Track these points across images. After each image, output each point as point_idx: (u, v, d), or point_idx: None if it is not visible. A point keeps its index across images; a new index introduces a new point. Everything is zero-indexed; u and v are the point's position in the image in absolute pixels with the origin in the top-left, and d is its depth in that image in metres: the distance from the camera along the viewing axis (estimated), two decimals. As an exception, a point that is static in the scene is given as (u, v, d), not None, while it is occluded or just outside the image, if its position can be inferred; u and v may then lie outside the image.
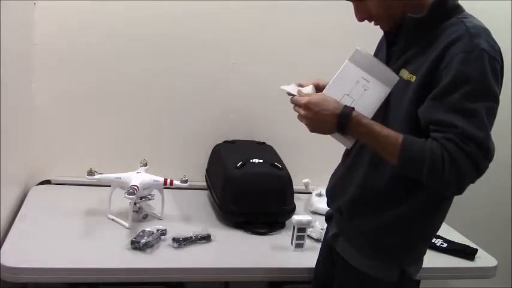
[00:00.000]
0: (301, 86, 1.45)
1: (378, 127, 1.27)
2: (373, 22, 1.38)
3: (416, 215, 1.36)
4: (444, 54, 1.22)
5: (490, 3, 2.31)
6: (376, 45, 1.54)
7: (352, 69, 1.36)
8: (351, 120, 1.28)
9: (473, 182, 1.21)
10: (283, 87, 1.43)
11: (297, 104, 1.36)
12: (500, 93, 1.23)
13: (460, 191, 1.22)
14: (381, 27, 1.39)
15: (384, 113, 1.34)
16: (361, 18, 1.37)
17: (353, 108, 1.30)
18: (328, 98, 1.33)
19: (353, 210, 1.45)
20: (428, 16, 1.28)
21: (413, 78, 1.28)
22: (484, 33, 1.23)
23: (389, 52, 1.40)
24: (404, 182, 1.31)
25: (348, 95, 1.34)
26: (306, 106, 1.32)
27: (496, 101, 1.22)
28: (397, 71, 1.34)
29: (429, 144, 1.19)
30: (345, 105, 1.30)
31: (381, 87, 1.34)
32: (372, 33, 1.49)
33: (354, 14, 1.38)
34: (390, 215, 1.36)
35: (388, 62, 1.39)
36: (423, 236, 1.43)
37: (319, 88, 1.42)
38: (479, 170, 1.19)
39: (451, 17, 1.28)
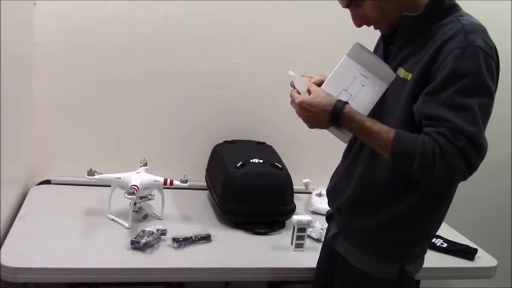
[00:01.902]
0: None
1: (369, 122, 1.28)
2: (372, 26, 1.38)
3: (416, 213, 1.36)
4: (439, 51, 1.22)
5: (490, 3, 2.31)
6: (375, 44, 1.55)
7: (351, 64, 1.37)
8: (343, 116, 1.29)
9: (464, 179, 1.21)
10: (291, 72, 1.42)
11: (293, 101, 1.38)
12: (496, 91, 1.23)
13: (449, 186, 1.22)
14: (380, 30, 1.40)
15: (379, 110, 1.34)
16: (359, 24, 1.38)
17: (345, 104, 1.30)
18: (322, 94, 1.34)
19: (352, 210, 1.45)
20: (425, 15, 1.29)
21: (409, 76, 1.28)
22: (480, 30, 1.23)
23: (387, 51, 1.41)
24: (403, 180, 1.30)
25: (345, 90, 1.35)
26: (300, 105, 1.35)
27: (491, 97, 1.21)
28: (394, 70, 1.34)
29: (421, 139, 1.20)
30: (338, 100, 1.31)
31: (378, 83, 1.34)
32: (372, 33, 1.49)
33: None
34: (389, 213, 1.36)
35: (385, 61, 1.39)
36: (423, 235, 1.43)
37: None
38: (470, 166, 1.18)
39: (447, 15, 1.28)
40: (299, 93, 1.38)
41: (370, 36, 1.51)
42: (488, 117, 1.22)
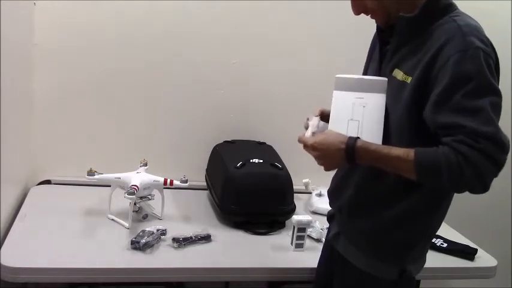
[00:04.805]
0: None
1: (386, 150, 1.27)
2: (369, 16, 1.39)
3: (416, 214, 1.36)
4: (438, 54, 1.22)
5: (490, 3, 2.31)
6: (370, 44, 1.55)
7: (342, 96, 1.40)
8: (357, 150, 1.29)
9: (495, 176, 1.19)
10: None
11: (305, 145, 1.39)
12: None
13: (485, 189, 1.19)
14: (376, 21, 1.40)
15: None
16: (357, 12, 1.38)
17: (357, 139, 1.30)
18: (332, 134, 1.35)
19: (353, 210, 1.45)
20: (420, 15, 1.29)
21: (409, 79, 1.28)
22: (476, 30, 1.23)
23: (383, 52, 1.41)
24: (404, 181, 1.30)
25: (351, 119, 1.36)
26: (313, 147, 1.35)
27: (498, 94, 1.21)
28: (390, 71, 1.34)
29: (441, 151, 1.19)
30: (349, 137, 1.31)
31: (376, 96, 1.36)
32: (372, 34, 1.49)
33: (352, 14, 1.39)
34: (390, 214, 1.36)
35: (381, 62, 1.40)
36: (423, 235, 1.43)
37: (324, 115, 1.47)
38: (497, 163, 1.17)
39: (443, 16, 1.28)
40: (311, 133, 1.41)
41: (370, 36, 1.51)
42: (500, 114, 1.21)
